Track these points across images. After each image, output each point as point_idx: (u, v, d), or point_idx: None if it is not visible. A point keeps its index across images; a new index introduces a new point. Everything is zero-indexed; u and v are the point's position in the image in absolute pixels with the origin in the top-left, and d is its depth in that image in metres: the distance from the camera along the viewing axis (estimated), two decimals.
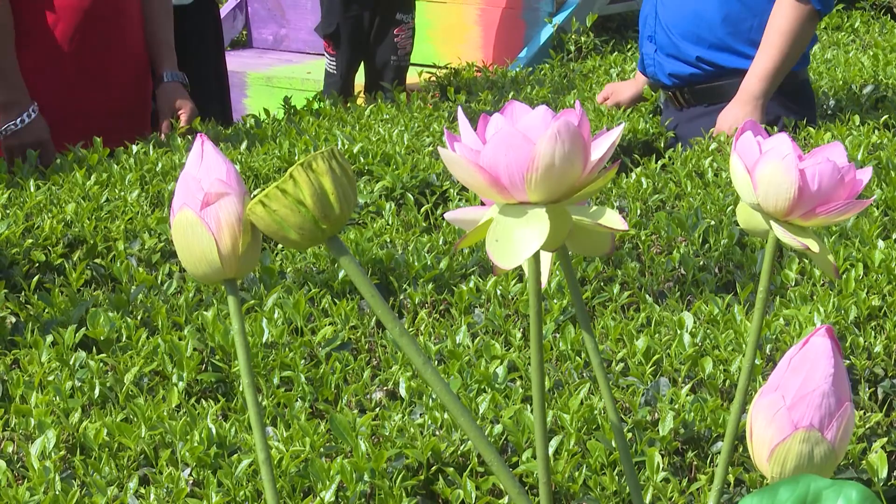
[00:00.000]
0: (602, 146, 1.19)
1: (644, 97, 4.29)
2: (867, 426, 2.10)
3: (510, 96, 4.36)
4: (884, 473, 1.95)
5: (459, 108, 1.31)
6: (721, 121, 3.86)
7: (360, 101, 4.40)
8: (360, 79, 5.87)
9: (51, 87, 3.91)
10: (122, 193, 3.20)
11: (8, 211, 3.03)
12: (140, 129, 3.88)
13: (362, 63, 5.71)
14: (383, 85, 5.18)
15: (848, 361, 2.22)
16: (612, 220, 1.19)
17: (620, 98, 4.31)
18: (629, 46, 5.66)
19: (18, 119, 3.78)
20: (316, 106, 4.16)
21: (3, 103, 3.84)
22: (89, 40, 3.93)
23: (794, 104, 3.92)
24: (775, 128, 3.65)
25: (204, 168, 1.23)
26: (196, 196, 1.22)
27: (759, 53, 3.87)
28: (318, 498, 1.83)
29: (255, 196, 1.21)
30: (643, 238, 2.89)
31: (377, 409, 2.12)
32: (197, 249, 1.23)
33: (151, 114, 4.26)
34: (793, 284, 2.66)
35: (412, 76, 5.42)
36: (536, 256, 1.20)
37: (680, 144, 3.75)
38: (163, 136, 3.87)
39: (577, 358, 2.30)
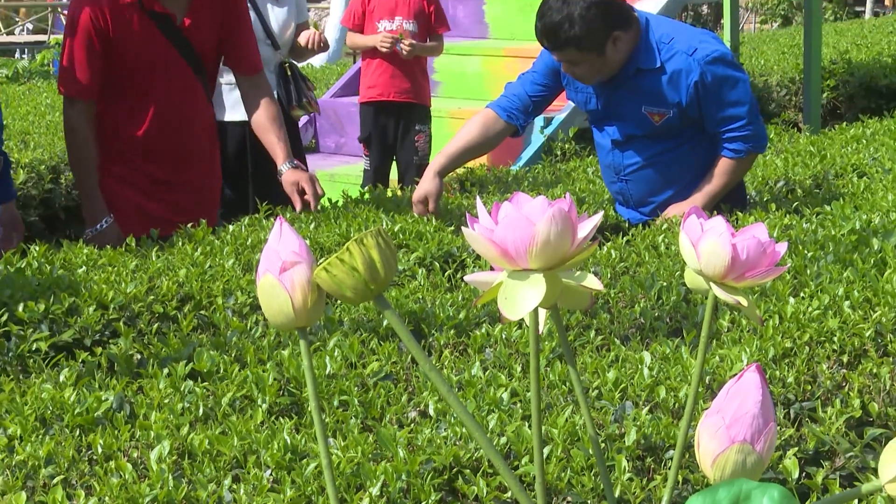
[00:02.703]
0: (586, 228, 1.19)
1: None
2: (782, 439, 2.09)
3: (514, 188, 4.36)
4: (795, 475, 1.96)
5: (478, 198, 1.31)
6: (669, 210, 3.85)
7: (397, 192, 4.39)
8: (394, 174, 5.90)
9: (127, 197, 3.87)
10: (221, 261, 3.20)
11: (135, 275, 3.04)
12: (207, 220, 3.72)
13: (394, 161, 5.71)
14: (415, 179, 5.18)
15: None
16: (592, 282, 1.20)
17: (434, 194, 3.86)
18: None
19: (98, 226, 3.77)
20: (367, 196, 4.16)
21: (87, 216, 3.83)
22: (163, 156, 3.88)
23: (732, 198, 3.90)
24: (714, 212, 3.65)
25: (282, 243, 1.23)
26: (276, 264, 1.22)
27: (709, 178, 3.85)
28: (367, 493, 1.82)
29: (320, 264, 1.20)
30: (612, 295, 2.88)
31: (412, 425, 2.11)
32: (276, 305, 1.23)
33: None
34: (726, 330, 2.65)
35: None
36: (535, 310, 1.20)
37: (641, 225, 3.73)
38: (298, 210, 3.75)
39: (563, 386, 2.30)
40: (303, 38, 4.60)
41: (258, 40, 4.38)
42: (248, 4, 4.39)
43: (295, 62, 4.65)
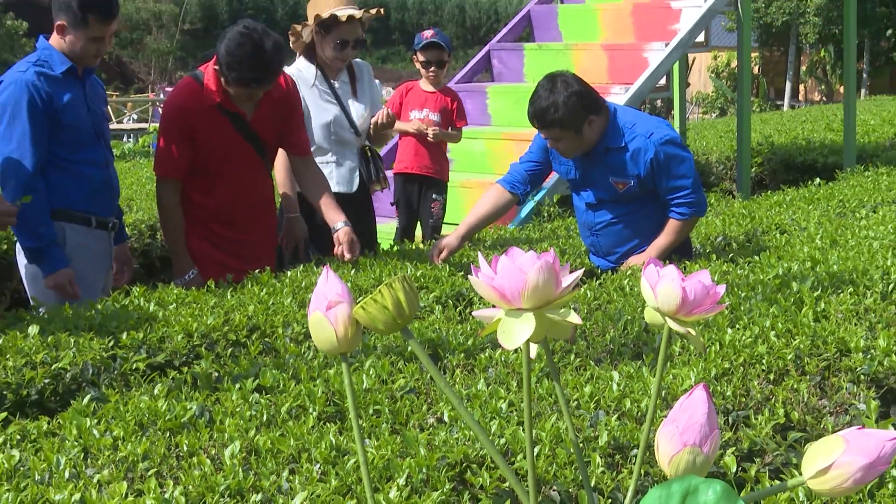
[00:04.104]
0: (569, 279, 1.19)
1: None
2: (722, 441, 2.08)
3: (511, 244, 4.36)
4: (734, 469, 1.94)
5: (479, 253, 1.31)
6: (630, 260, 3.87)
7: (420, 246, 4.40)
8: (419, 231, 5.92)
9: (207, 252, 3.87)
10: (281, 299, 3.20)
11: (214, 310, 3.04)
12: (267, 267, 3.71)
13: (419, 221, 5.72)
14: (433, 237, 5.18)
15: None
16: (573, 317, 1.19)
17: (450, 249, 3.85)
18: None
19: (186, 276, 3.78)
20: (395, 249, 4.17)
21: (176, 270, 3.84)
22: (233, 220, 3.88)
23: (680, 250, 3.91)
24: (667, 261, 3.64)
25: (328, 286, 1.22)
26: (323, 303, 1.21)
27: (661, 235, 3.85)
28: (395, 482, 1.81)
29: (358, 303, 1.20)
30: (588, 326, 2.87)
31: (431, 429, 2.10)
32: (324, 336, 1.22)
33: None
34: (677, 354, 2.64)
35: (448, 231, 5.44)
36: (527, 342, 1.20)
37: (610, 271, 3.74)
38: (346, 259, 3.69)
39: (549, 398, 2.29)
40: (375, 118, 4.59)
41: (343, 129, 4.40)
42: (335, 100, 4.38)
43: (373, 145, 4.64)
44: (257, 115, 3.84)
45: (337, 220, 3.76)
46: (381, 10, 4.66)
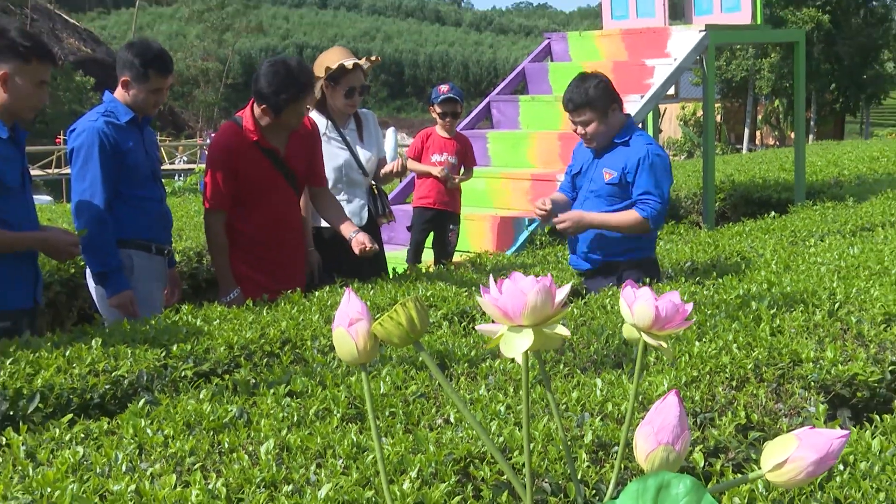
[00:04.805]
0: (561, 293, 1.18)
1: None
2: (692, 439, 2.06)
3: (508, 268, 4.36)
4: (701, 464, 1.93)
5: (490, 276, 1.31)
6: (565, 215, 3.87)
7: (431, 269, 4.39)
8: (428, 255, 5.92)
9: (247, 274, 3.86)
10: (310, 316, 3.20)
11: (252, 325, 3.04)
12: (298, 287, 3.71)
13: (432, 247, 5.72)
14: (443, 261, 5.19)
15: None
16: (562, 331, 1.18)
17: (548, 202, 3.92)
18: (565, 242, 5.69)
19: (230, 295, 3.78)
20: (409, 272, 4.17)
21: (221, 288, 3.85)
22: (269, 245, 3.88)
23: (648, 272, 3.89)
24: (642, 284, 3.63)
25: (349, 305, 1.22)
26: (345, 320, 1.21)
27: (610, 214, 3.86)
28: (408, 475, 1.80)
29: (376, 319, 1.20)
30: (575, 340, 2.87)
31: (439, 429, 2.09)
32: (345, 348, 1.22)
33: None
34: (652, 364, 2.63)
35: (458, 257, 5.44)
36: (526, 353, 1.19)
37: (592, 293, 3.73)
38: (366, 247, 3.71)
39: (541, 402, 2.27)
40: (389, 168, 4.63)
41: (353, 170, 4.41)
42: (345, 146, 4.40)
43: (378, 184, 4.65)
44: (289, 151, 3.89)
45: (351, 230, 3.81)
46: (378, 58, 4.69)
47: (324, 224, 4.19)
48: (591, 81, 3.84)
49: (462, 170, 5.61)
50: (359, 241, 3.73)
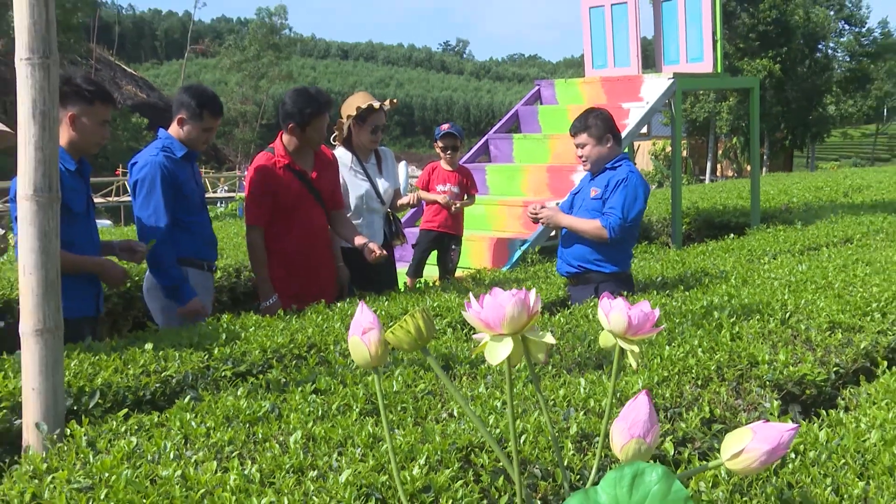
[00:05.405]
0: (537, 303, 1.18)
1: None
2: (662, 431, 2.05)
3: (502, 284, 4.35)
4: (671, 452, 1.91)
5: (470, 294, 1.31)
6: (544, 210, 3.93)
7: (436, 283, 4.39)
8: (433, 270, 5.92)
9: (285, 283, 3.87)
10: (333, 324, 3.19)
11: (282, 331, 3.03)
12: (326, 298, 3.72)
13: (437, 264, 5.70)
14: (446, 276, 5.18)
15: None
16: (549, 338, 1.18)
17: (539, 204, 4.01)
18: (554, 260, 5.68)
19: (268, 301, 3.78)
20: (418, 286, 4.16)
21: (261, 295, 3.85)
22: (300, 258, 3.90)
23: (623, 286, 3.88)
24: (617, 296, 3.61)
25: (363, 316, 1.22)
26: (359, 329, 1.21)
27: (580, 218, 3.86)
28: (417, 462, 1.79)
29: (388, 328, 1.19)
30: (561, 344, 2.85)
31: (444, 422, 2.08)
32: (360, 353, 1.21)
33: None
34: (628, 366, 2.61)
35: (460, 272, 5.43)
36: (508, 359, 1.19)
37: (576, 304, 3.71)
38: (376, 254, 3.73)
39: (532, 398, 2.26)
40: (405, 200, 4.66)
41: (372, 199, 4.41)
42: (366, 178, 4.41)
43: (393, 211, 4.66)
44: (316, 173, 3.95)
45: (363, 241, 3.85)
46: (396, 101, 4.73)
47: (345, 244, 4.20)
48: (593, 113, 3.94)
49: (465, 197, 5.62)
50: (370, 248, 3.77)
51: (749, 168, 9.58)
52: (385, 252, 3.82)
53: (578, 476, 1.82)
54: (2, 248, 2.88)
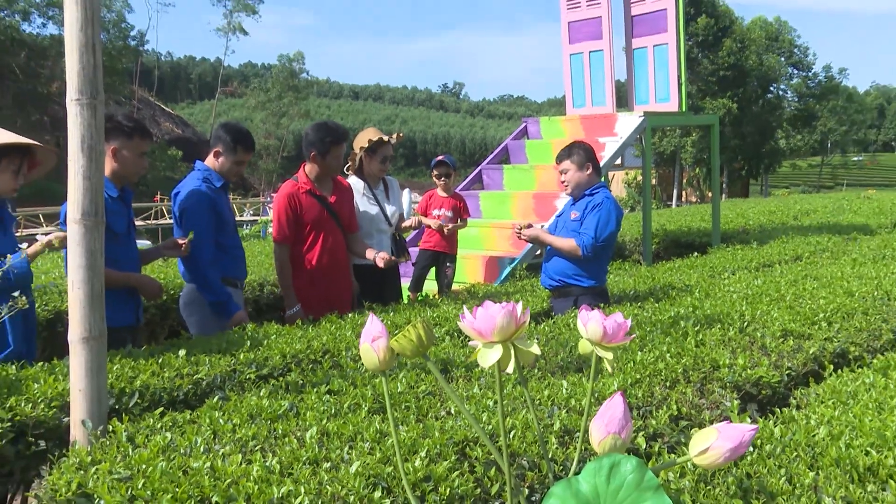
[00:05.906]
0: (525, 315, 1.18)
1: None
2: (635, 427, 2.04)
3: (493, 298, 4.34)
4: (643, 446, 1.90)
5: (464, 306, 1.30)
6: (529, 230, 3.93)
7: (436, 297, 4.38)
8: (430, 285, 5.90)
9: (305, 294, 3.87)
10: (345, 332, 3.18)
11: (300, 338, 3.02)
12: (340, 309, 3.73)
13: (436, 279, 5.69)
14: (444, 292, 5.17)
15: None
16: (535, 348, 1.18)
17: (523, 225, 3.98)
18: (539, 275, 5.66)
19: (293, 309, 3.78)
20: (420, 299, 4.15)
21: (287, 304, 3.85)
22: (320, 273, 3.91)
23: (600, 299, 3.87)
24: (595, 308, 3.59)
25: (373, 326, 1.22)
26: (369, 337, 1.21)
27: (559, 238, 3.85)
28: (419, 455, 1.78)
29: (393, 336, 1.19)
30: (546, 350, 2.84)
31: (442, 419, 2.07)
32: (369, 359, 1.21)
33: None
34: (604, 371, 2.61)
35: (456, 287, 5.42)
36: (498, 363, 1.19)
37: (558, 314, 3.70)
38: (386, 259, 3.77)
39: (520, 398, 2.25)
40: (408, 223, 4.69)
41: (381, 222, 4.41)
42: (376, 203, 4.41)
43: (398, 232, 4.67)
44: (334, 197, 3.99)
45: (373, 253, 3.90)
46: (402, 134, 4.78)
47: (357, 261, 4.21)
48: (577, 145, 3.95)
49: (459, 220, 5.62)
50: (381, 257, 3.83)
51: (710, 194, 9.62)
52: (393, 257, 3.87)
53: (561, 467, 1.81)
54: (55, 247, 2.92)
